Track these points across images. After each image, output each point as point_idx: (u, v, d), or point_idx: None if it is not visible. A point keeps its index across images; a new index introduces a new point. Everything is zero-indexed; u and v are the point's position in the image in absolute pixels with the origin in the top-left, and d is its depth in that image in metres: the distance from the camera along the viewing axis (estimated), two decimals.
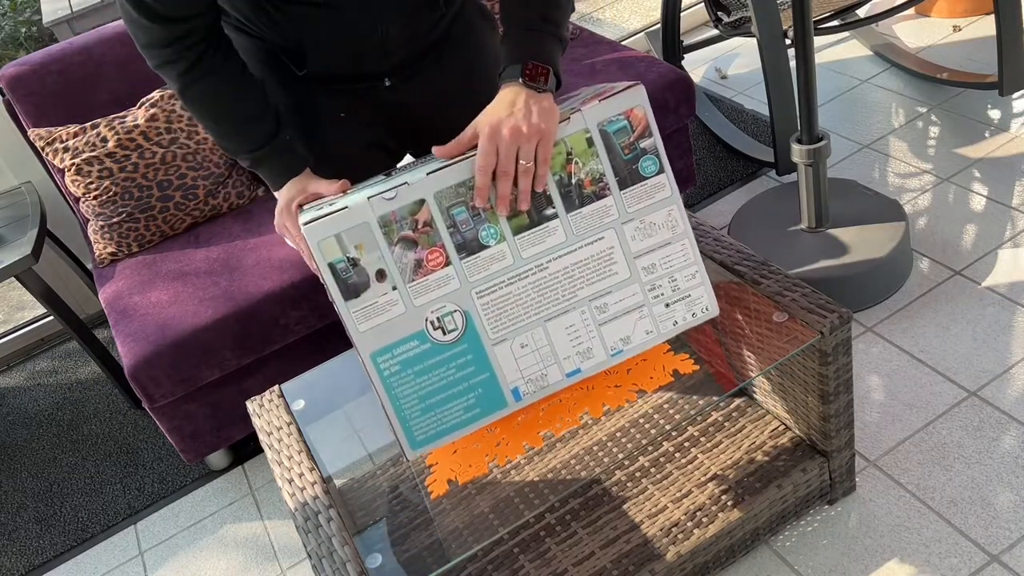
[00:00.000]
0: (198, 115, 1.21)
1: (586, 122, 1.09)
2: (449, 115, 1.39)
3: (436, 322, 1.11)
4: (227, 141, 1.23)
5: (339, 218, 1.04)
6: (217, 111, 1.20)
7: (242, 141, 1.22)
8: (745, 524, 1.42)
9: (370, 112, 1.35)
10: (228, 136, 1.22)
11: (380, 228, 1.05)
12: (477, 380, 1.14)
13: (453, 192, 1.06)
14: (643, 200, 1.14)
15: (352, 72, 1.30)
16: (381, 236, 1.06)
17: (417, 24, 1.26)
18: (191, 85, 1.18)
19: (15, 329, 2.65)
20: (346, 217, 1.04)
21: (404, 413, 1.13)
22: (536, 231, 1.10)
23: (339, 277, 1.06)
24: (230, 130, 1.22)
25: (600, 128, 1.10)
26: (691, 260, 1.19)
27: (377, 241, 1.06)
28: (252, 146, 1.22)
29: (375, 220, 1.05)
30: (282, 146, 1.24)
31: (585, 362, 1.18)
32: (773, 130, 2.08)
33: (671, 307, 1.19)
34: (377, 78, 1.32)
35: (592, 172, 1.11)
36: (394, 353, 1.10)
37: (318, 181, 1.22)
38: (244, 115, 1.21)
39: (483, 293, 1.11)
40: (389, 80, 1.32)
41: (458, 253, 1.08)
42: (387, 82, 1.33)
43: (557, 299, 1.14)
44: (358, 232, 1.05)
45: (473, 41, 1.37)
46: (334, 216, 1.04)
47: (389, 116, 1.37)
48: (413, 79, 1.34)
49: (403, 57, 1.30)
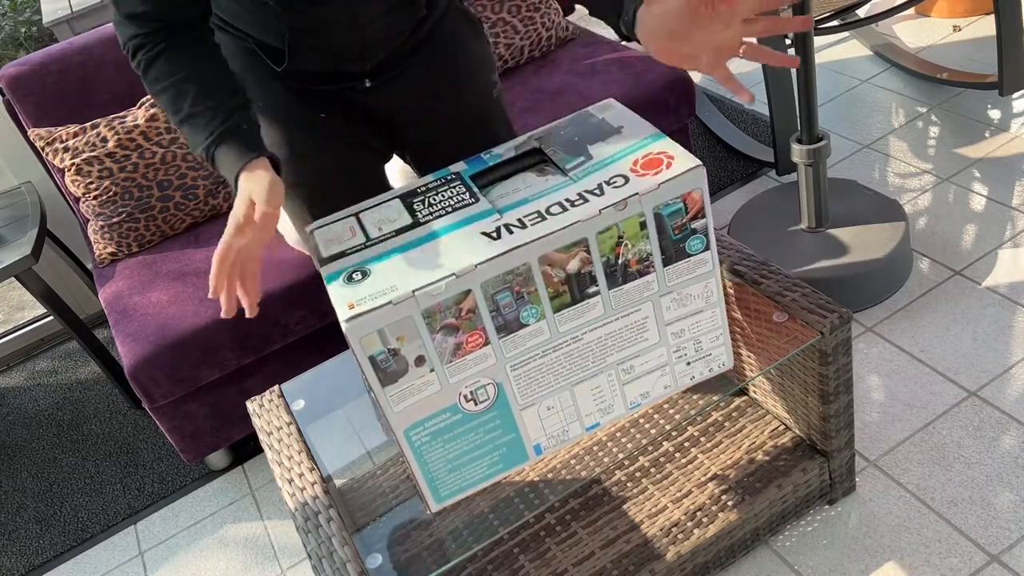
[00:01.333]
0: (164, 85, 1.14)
1: (643, 207, 1.05)
2: (433, 118, 1.38)
3: (469, 395, 1.09)
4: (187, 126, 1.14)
5: (383, 314, 0.99)
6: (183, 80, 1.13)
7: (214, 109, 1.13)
8: (745, 524, 1.42)
9: (350, 111, 1.34)
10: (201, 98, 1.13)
11: (424, 319, 1.02)
12: (503, 440, 1.15)
13: (500, 280, 1.03)
14: (684, 275, 1.13)
15: (331, 70, 1.29)
16: (424, 327, 1.02)
17: (398, 24, 1.26)
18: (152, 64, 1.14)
19: (15, 329, 2.65)
20: (390, 313, 1.00)
21: (431, 474, 1.14)
22: (577, 307, 1.09)
23: (378, 368, 1.03)
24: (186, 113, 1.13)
25: (655, 212, 1.06)
26: (718, 325, 1.19)
27: (419, 331, 1.02)
28: (224, 115, 1.12)
29: (419, 313, 1.01)
30: (252, 117, 1.16)
31: (604, 417, 1.19)
32: (773, 130, 2.08)
33: (692, 365, 1.21)
34: (357, 78, 1.31)
35: (640, 252, 1.08)
36: (426, 426, 1.09)
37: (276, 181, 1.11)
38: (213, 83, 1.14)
39: (517, 366, 1.10)
40: (369, 81, 1.32)
41: (498, 333, 1.06)
42: (367, 83, 1.32)
43: (587, 365, 1.14)
44: (401, 325, 1.01)
45: (457, 45, 1.36)
46: (377, 312, 0.99)
47: (369, 117, 1.36)
48: (393, 82, 1.33)
49: (383, 58, 1.29)
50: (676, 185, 1.05)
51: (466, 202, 1.09)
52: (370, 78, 1.31)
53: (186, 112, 1.12)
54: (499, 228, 1.03)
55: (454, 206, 1.09)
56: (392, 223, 1.09)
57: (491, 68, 1.42)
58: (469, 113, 1.39)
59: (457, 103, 1.38)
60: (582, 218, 1.02)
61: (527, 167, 1.13)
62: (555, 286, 1.06)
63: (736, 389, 1.50)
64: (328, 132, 1.34)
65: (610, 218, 1.04)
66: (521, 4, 2.21)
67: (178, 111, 1.13)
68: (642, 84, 2.07)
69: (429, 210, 1.10)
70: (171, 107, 1.14)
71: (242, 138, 1.12)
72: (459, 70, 1.37)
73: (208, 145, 1.12)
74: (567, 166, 1.10)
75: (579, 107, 2.05)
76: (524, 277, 1.03)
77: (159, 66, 1.13)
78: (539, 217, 1.03)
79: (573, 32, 2.34)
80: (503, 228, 1.03)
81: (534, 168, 1.13)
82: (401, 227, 1.08)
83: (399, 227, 1.08)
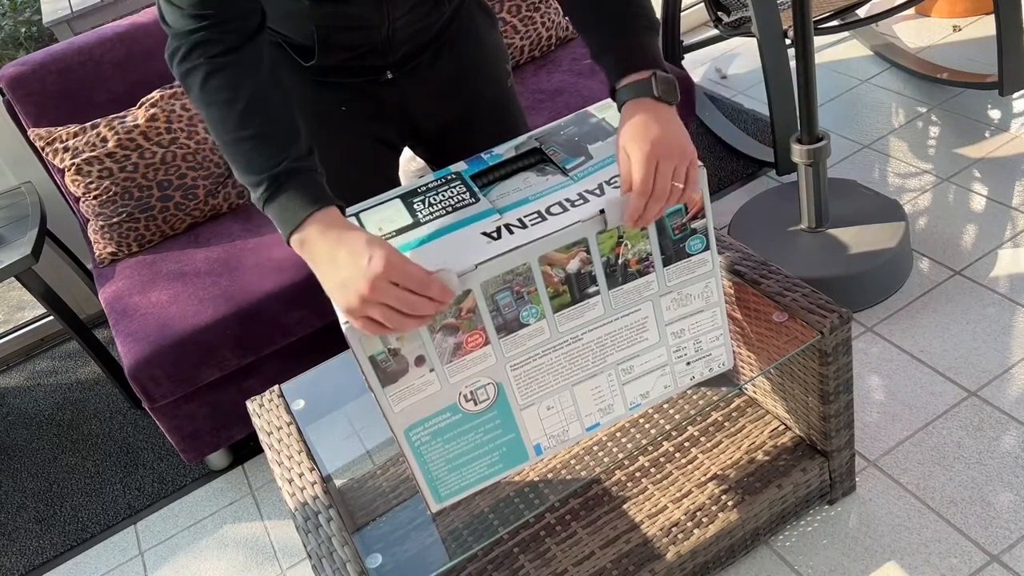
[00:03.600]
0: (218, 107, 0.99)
1: None
2: (450, 110, 1.39)
3: (469, 395, 1.09)
4: (251, 144, 0.98)
5: None
6: (242, 106, 0.98)
7: (271, 150, 0.98)
8: (745, 524, 1.42)
9: (371, 105, 1.34)
10: (254, 138, 0.98)
11: None
12: (503, 440, 1.15)
13: (500, 280, 1.03)
14: (684, 275, 1.13)
15: (356, 64, 1.29)
16: (424, 327, 1.02)
17: (424, 19, 1.26)
18: (221, 70, 0.98)
19: (15, 329, 2.65)
20: None
21: (431, 474, 1.14)
22: (576, 307, 1.09)
23: (379, 367, 1.03)
24: (255, 131, 0.98)
25: None
26: (718, 325, 1.19)
27: (419, 331, 1.02)
28: (280, 157, 0.97)
29: None
30: (314, 167, 1.00)
31: (605, 417, 1.19)
32: (773, 130, 2.08)
33: (691, 365, 1.21)
34: (379, 71, 1.31)
35: (639, 252, 1.08)
36: (426, 426, 1.09)
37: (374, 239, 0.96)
38: (275, 117, 1.00)
39: (517, 366, 1.10)
40: (391, 73, 1.32)
41: (497, 333, 1.06)
42: (389, 75, 1.32)
43: (587, 365, 1.14)
44: None
45: (473, 38, 1.37)
46: None
47: (390, 110, 1.37)
48: (415, 73, 1.34)
49: (406, 52, 1.30)
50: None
51: (466, 202, 1.09)
52: (392, 70, 1.31)
53: (255, 131, 0.97)
54: (499, 228, 1.03)
55: (454, 206, 1.09)
56: (392, 223, 1.09)
57: (506, 58, 1.44)
58: (487, 103, 1.41)
59: (476, 93, 1.39)
60: (582, 218, 1.02)
61: (527, 167, 1.13)
62: (555, 286, 1.06)
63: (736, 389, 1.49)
64: (347, 125, 1.34)
65: None
66: (521, 4, 2.21)
67: (242, 127, 0.97)
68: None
69: (429, 210, 1.09)
70: (239, 120, 0.98)
71: (316, 182, 0.98)
72: (477, 60, 1.38)
73: (278, 174, 0.96)
74: (567, 166, 1.10)
75: (579, 107, 2.05)
76: (524, 277, 1.03)
77: (229, 73, 0.98)
78: (539, 217, 1.03)
79: (573, 32, 2.34)
80: (503, 228, 1.03)
81: (534, 168, 1.13)
82: (401, 227, 1.08)
83: (399, 227, 1.08)
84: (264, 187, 0.96)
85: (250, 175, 0.98)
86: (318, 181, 0.98)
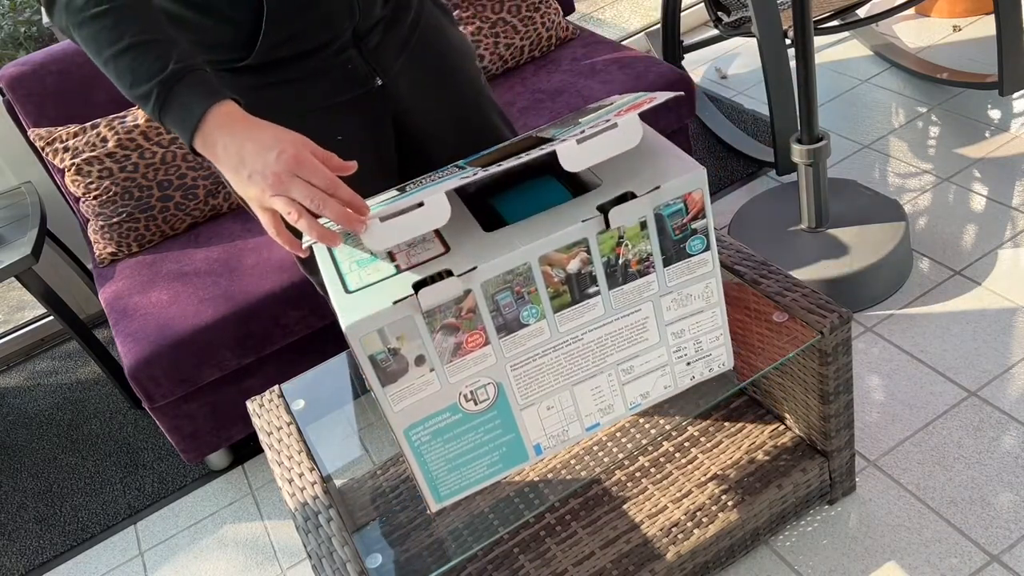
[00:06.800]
0: (88, 24, 0.94)
1: (644, 208, 1.05)
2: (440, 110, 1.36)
3: (469, 395, 1.10)
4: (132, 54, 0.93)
5: (384, 314, 0.99)
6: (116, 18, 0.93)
7: (153, 55, 0.92)
8: (745, 524, 1.42)
9: (366, 125, 1.30)
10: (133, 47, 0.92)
11: (424, 319, 1.02)
12: (503, 440, 1.15)
13: (500, 280, 1.03)
14: (684, 275, 1.13)
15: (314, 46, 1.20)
16: (424, 326, 1.02)
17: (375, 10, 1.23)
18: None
19: (15, 329, 2.65)
20: (391, 312, 0.99)
21: (431, 474, 1.14)
22: (577, 307, 1.09)
23: (378, 367, 1.03)
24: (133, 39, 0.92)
25: (656, 212, 1.06)
26: (719, 325, 1.19)
27: (419, 331, 1.02)
28: (165, 60, 0.92)
29: (419, 312, 1.01)
30: (203, 66, 0.95)
31: (604, 417, 1.19)
32: (773, 130, 2.08)
33: (692, 365, 1.21)
34: (367, 77, 1.27)
35: (640, 253, 1.08)
36: (426, 426, 1.09)
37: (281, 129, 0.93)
38: (152, 25, 0.94)
39: (517, 366, 1.10)
40: (380, 79, 1.29)
41: (498, 333, 1.06)
42: (378, 81, 1.28)
43: (587, 365, 1.14)
44: (401, 324, 1.01)
45: (443, 35, 1.35)
46: (379, 313, 0.99)
47: (383, 123, 1.32)
48: (400, 77, 1.30)
49: (379, 44, 1.26)
50: (677, 185, 1.05)
51: (454, 174, 1.09)
52: (377, 71, 1.27)
53: (133, 39, 0.92)
54: (476, 172, 1.03)
55: (441, 177, 1.09)
56: (380, 200, 1.10)
57: (474, 54, 1.42)
58: (466, 103, 1.39)
59: (456, 93, 1.37)
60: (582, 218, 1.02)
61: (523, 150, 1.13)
62: (555, 286, 1.06)
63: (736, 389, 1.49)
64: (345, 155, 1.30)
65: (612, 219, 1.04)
66: (521, 4, 2.21)
67: (119, 39, 0.92)
68: (642, 84, 2.06)
69: (416, 186, 1.10)
70: (110, 35, 0.92)
71: (208, 79, 0.93)
72: (450, 60, 1.36)
73: (167, 76, 0.91)
74: (557, 134, 1.10)
75: (579, 107, 2.05)
76: (524, 277, 1.03)
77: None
78: (515, 160, 1.03)
79: (573, 32, 2.34)
80: (480, 170, 1.02)
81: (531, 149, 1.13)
82: (386, 199, 1.08)
83: (384, 200, 1.08)
84: (155, 95, 0.92)
85: (137, 87, 0.93)
86: (209, 78, 0.93)
